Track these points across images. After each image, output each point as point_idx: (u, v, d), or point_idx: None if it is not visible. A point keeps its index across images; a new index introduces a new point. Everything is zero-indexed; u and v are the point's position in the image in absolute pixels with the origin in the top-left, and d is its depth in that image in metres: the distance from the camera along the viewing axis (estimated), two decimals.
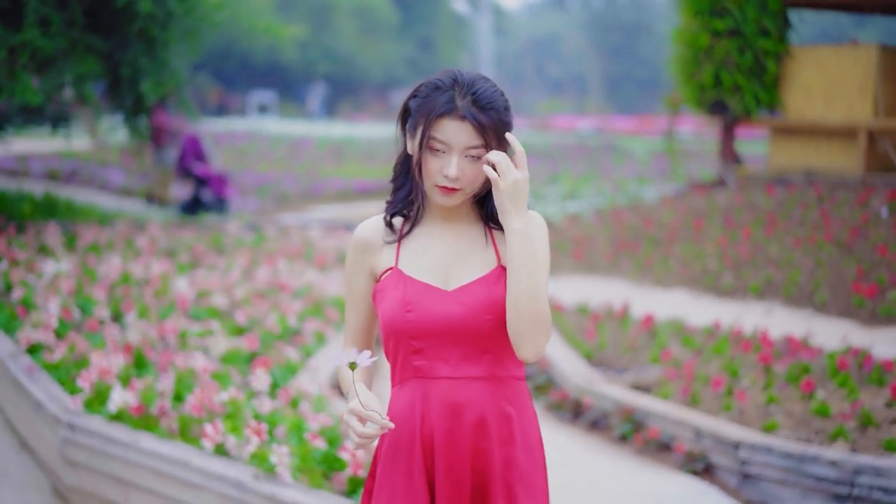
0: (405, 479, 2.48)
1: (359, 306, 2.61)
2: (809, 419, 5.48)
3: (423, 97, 2.45)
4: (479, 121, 2.40)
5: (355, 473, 4.22)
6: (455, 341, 2.46)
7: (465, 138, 2.41)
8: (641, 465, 5.64)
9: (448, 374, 2.46)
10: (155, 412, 4.97)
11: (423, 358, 2.48)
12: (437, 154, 2.44)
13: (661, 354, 6.86)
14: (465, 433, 2.46)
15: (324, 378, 5.94)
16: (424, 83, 2.48)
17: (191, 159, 14.16)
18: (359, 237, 2.59)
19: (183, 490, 4.57)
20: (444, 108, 2.41)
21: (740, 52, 13.00)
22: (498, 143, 2.44)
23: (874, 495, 4.75)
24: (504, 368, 2.50)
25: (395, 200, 2.59)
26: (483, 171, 2.44)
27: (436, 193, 2.47)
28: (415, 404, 2.48)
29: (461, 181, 2.43)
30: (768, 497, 5.15)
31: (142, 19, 10.05)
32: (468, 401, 2.46)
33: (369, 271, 2.58)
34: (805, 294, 9.00)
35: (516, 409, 2.51)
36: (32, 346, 6.20)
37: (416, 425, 2.48)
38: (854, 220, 10.26)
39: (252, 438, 4.42)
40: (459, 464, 2.46)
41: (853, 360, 6.23)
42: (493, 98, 2.43)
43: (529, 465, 2.52)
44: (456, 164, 2.42)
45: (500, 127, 2.43)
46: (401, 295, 2.47)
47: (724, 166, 13.73)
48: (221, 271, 8.63)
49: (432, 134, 2.43)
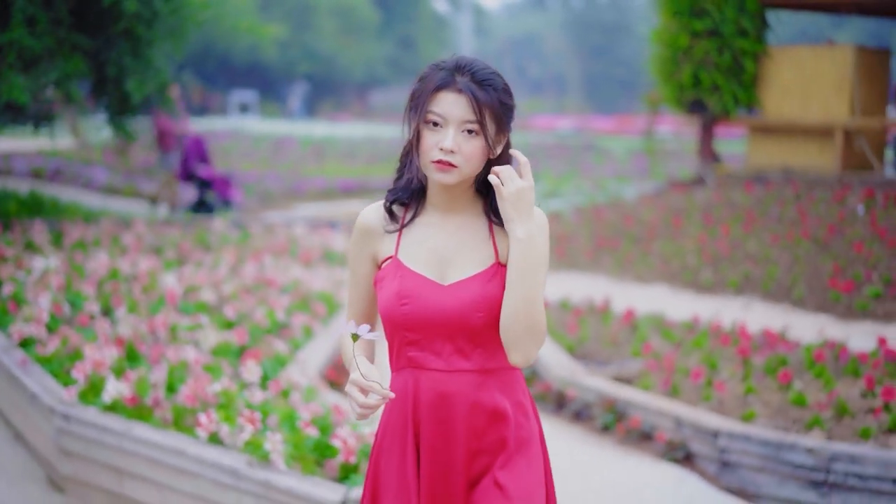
0: (398, 467, 2.55)
1: (361, 289, 2.66)
2: (787, 409, 5.63)
3: (424, 77, 2.50)
4: (476, 96, 2.43)
5: (347, 460, 4.34)
6: (448, 335, 2.50)
7: (462, 111, 2.43)
8: (623, 454, 5.78)
9: (439, 367, 2.51)
10: (149, 403, 5.08)
11: (417, 349, 2.52)
12: (434, 130, 2.46)
13: (642, 348, 7.01)
14: (452, 424, 2.51)
15: (313, 370, 6.06)
16: (428, 66, 2.52)
17: (194, 161, 14.23)
18: (361, 223, 2.62)
19: (178, 478, 4.68)
20: (441, 81, 2.45)
21: (719, 52, 13.18)
22: (495, 124, 2.47)
23: (849, 482, 4.90)
24: (495, 361, 2.53)
25: (396, 188, 2.60)
26: (480, 152, 2.46)
27: (432, 170, 2.48)
28: (408, 393, 2.54)
29: (457, 157, 2.44)
30: (746, 484, 5.30)
31: (127, 18, 10.13)
32: (457, 392, 2.50)
33: (371, 256, 2.62)
34: (782, 289, 9.18)
35: (508, 397, 2.55)
36: (24, 340, 6.28)
37: (409, 414, 2.54)
38: (830, 217, 10.44)
39: (246, 427, 4.53)
40: (445, 453, 2.51)
41: (829, 353, 6.39)
42: (491, 77, 2.46)
43: (523, 448, 2.55)
44: (452, 136, 2.43)
45: (497, 107, 2.46)
46: (397, 287, 2.51)
47: (703, 165, 13.90)
48: (208, 267, 8.72)
49: (429, 108, 2.46)
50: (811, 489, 5.03)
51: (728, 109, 13.31)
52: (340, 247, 10.84)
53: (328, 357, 6.72)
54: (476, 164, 2.48)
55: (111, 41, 10.48)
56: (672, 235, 11.44)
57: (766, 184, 12.31)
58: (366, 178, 20.54)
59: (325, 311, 7.60)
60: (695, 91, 13.36)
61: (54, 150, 19.94)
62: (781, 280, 9.32)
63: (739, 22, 13.07)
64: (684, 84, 13.38)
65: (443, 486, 2.52)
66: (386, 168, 22.96)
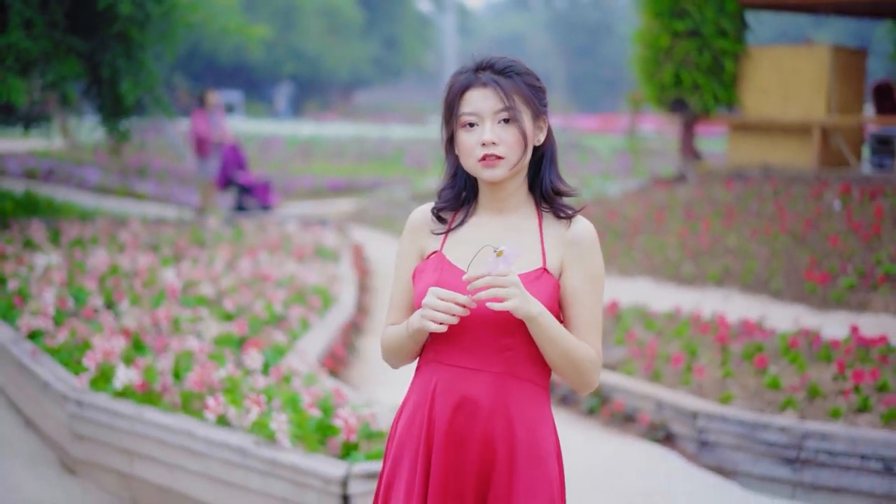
0: (410, 461, 2.57)
1: (404, 285, 2.66)
2: (762, 391, 5.94)
3: (450, 84, 2.55)
4: (501, 84, 2.47)
5: (348, 438, 4.61)
6: (477, 333, 2.48)
7: (493, 103, 2.48)
8: (608, 435, 6.09)
9: (465, 365, 2.51)
10: (158, 388, 5.35)
11: (444, 343, 2.53)
12: (471, 130, 2.50)
13: (626, 336, 7.31)
14: (463, 423, 2.50)
15: (312, 358, 6.32)
16: (451, 75, 2.58)
17: (232, 169, 14.59)
18: (413, 219, 2.66)
19: (187, 458, 4.96)
20: (466, 81, 2.51)
21: (699, 52, 13.48)
22: (528, 107, 2.51)
23: (820, 458, 5.21)
24: (523, 369, 2.51)
25: (443, 198, 2.64)
26: (520, 138, 2.49)
27: (480, 169, 2.51)
28: (428, 387, 2.56)
29: (500, 148, 2.47)
30: (724, 461, 5.61)
31: (121, 21, 10.35)
32: (470, 393, 2.49)
33: (419, 253, 2.64)
34: (761, 281, 9.50)
35: (523, 410, 2.51)
36: (33, 333, 6.54)
37: (426, 409, 2.55)
38: (808, 212, 10.76)
39: (252, 409, 4.81)
40: (457, 456, 2.51)
41: (804, 340, 6.70)
42: (511, 63, 2.51)
43: (540, 465, 2.52)
44: (490, 128, 2.47)
45: (525, 90, 2.51)
46: (436, 279, 2.52)
47: (684, 162, 14.21)
48: (205, 264, 8.98)
49: (461, 110, 2.50)
50: (784, 465, 5.33)
51: (708, 108, 13.61)
52: (332, 243, 11.12)
53: (325, 346, 7.00)
54: (520, 152, 2.50)
55: (105, 44, 10.71)
56: (655, 231, 11.75)
57: (746, 180, 12.63)
58: (354, 178, 20.80)
59: (320, 303, 7.88)
60: (676, 90, 13.66)
61: (45, 151, 20.17)
62: (760, 273, 9.63)
63: (719, 23, 13.38)
64: (666, 83, 13.68)
65: (453, 488, 2.51)
66: (374, 167, 23.21)
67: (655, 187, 13.87)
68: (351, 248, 11.46)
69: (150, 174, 18.16)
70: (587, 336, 2.53)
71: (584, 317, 2.54)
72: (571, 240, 2.54)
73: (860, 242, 9.54)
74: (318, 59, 49.19)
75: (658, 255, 10.96)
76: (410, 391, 2.62)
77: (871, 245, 9.37)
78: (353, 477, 4.34)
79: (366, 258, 11.47)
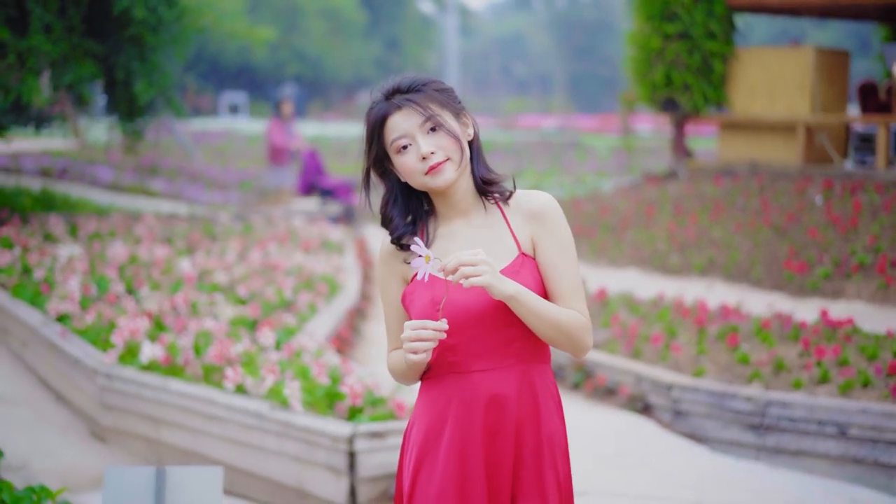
0: (443, 470, 2.58)
1: (396, 312, 2.70)
2: (733, 366, 6.48)
3: (369, 121, 2.64)
4: (414, 100, 2.56)
5: (354, 403, 5.15)
6: (485, 333, 2.56)
7: (414, 119, 2.56)
8: (591, 406, 6.64)
9: (478, 368, 2.57)
10: (180, 362, 5.90)
11: (457, 353, 2.57)
12: (406, 151, 2.57)
13: (611, 320, 7.84)
14: (495, 418, 2.57)
15: (320, 338, 6.86)
16: (365, 114, 2.66)
17: (314, 175, 15.24)
18: (383, 250, 2.69)
19: (209, 423, 5.50)
20: (382, 111, 2.59)
21: (689, 54, 14.01)
22: (447, 109, 2.60)
23: (781, 424, 5.75)
24: (532, 353, 2.61)
25: (395, 228, 2.66)
26: (454, 138, 2.57)
27: (430, 181, 2.57)
28: (451, 399, 2.59)
29: (439, 154, 2.55)
30: (696, 429, 6.16)
31: (135, 25, 10.88)
32: (496, 390, 2.56)
33: (401, 278, 2.68)
34: (742, 271, 10.03)
35: (542, 392, 2.62)
36: (61, 316, 7.09)
37: (447, 420, 2.59)
38: (791, 206, 11.29)
39: (267, 378, 5.36)
40: (501, 453, 2.58)
41: (776, 322, 7.23)
42: (414, 79, 2.61)
43: (555, 449, 2.63)
44: (423, 141, 2.55)
45: (437, 95, 2.59)
46: (431, 295, 2.56)
47: (675, 160, 14.74)
48: (217, 255, 9.52)
49: (390, 137, 2.58)
50: (750, 431, 5.87)
51: (699, 107, 14.13)
52: (337, 237, 11.66)
53: (332, 329, 7.54)
54: (458, 150, 2.57)
55: (120, 47, 11.23)
56: (644, 224, 12.28)
57: (734, 177, 13.16)
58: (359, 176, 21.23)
59: (327, 290, 8.43)
60: (667, 90, 14.18)
61: (59, 150, 20.75)
62: (742, 263, 10.17)
63: (708, 25, 13.91)
64: (657, 84, 14.19)
65: (496, 480, 2.59)
66: None
67: (647, 184, 14.40)
68: (355, 242, 12.02)
69: (160, 172, 18.70)
70: (572, 302, 2.59)
71: (564, 284, 2.59)
72: (534, 215, 2.62)
73: (838, 234, 10.06)
74: (320, 61, 49.73)
75: (647, 247, 11.49)
76: (423, 401, 2.66)
77: (847, 237, 9.90)
78: (359, 436, 4.87)
79: (369, 251, 12.00)
